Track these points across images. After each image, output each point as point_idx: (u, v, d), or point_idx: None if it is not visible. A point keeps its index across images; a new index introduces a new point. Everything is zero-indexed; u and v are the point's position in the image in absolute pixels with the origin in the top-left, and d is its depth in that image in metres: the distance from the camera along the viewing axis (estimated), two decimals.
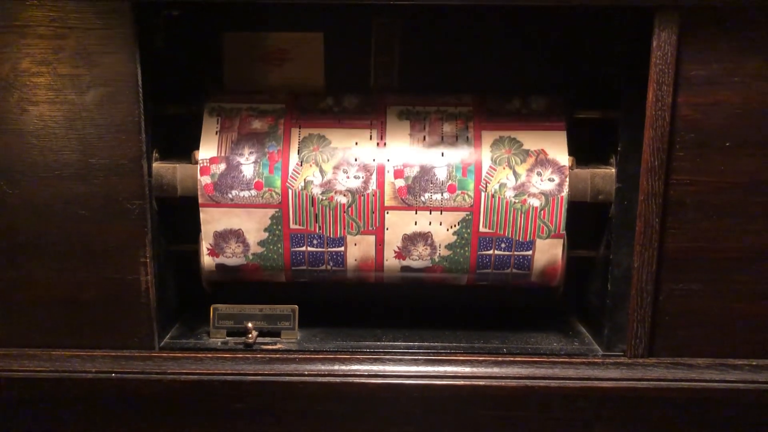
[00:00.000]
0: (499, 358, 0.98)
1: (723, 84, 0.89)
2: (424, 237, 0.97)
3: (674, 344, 0.96)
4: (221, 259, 1.00)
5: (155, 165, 0.97)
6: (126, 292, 0.95)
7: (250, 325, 1.00)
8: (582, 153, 1.00)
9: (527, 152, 0.97)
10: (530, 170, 0.96)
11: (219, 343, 1.00)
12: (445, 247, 0.98)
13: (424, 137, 0.97)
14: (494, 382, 0.95)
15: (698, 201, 0.92)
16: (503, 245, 0.98)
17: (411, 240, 0.98)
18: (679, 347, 0.97)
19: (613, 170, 0.98)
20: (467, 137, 0.97)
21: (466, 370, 0.96)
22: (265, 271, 1.01)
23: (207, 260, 1.00)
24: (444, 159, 0.97)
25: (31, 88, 0.89)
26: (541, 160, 0.96)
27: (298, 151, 0.97)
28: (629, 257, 0.95)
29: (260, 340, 1.00)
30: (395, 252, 0.98)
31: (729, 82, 0.89)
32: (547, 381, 0.95)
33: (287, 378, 0.95)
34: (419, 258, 0.98)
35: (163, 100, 0.99)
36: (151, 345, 0.97)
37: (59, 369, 0.95)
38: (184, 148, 1.00)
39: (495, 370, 0.96)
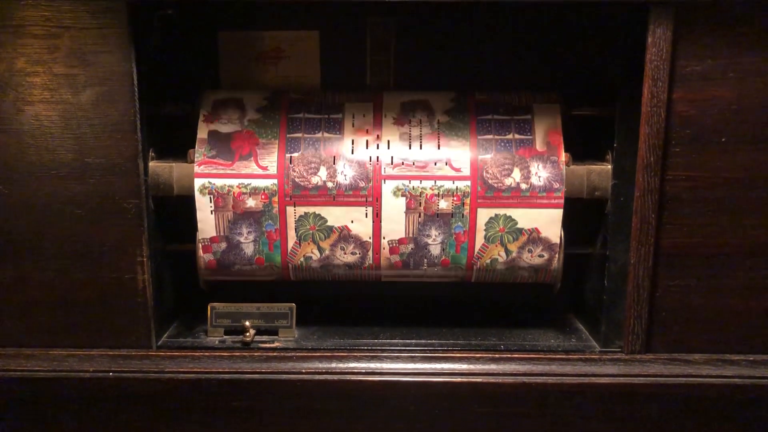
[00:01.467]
0: (497, 355, 0.98)
1: (718, 80, 0.89)
2: None
3: (671, 340, 0.97)
4: (216, 125, 0.97)
5: (151, 164, 0.97)
6: (123, 292, 0.95)
7: (247, 323, 1.00)
8: (578, 149, 1.00)
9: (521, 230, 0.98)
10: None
11: (216, 342, 1.01)
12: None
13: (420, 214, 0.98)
14: (491, 379, 0.95)
15: (694, 197, 0.92)
16: (501, 109, 0.99)
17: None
18: (676, 343, 0.97)
19: (609, 167, 0.98)
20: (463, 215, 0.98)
21: (464, 367, 0.97)
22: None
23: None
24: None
25: (27, 88, 0.89)
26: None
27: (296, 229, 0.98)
28: (626, 253, 0.95)
29: (258, 338, 1.01)
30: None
31: (724, 78, 0.89)
32: (544, 377, 0.95)
33: (285, 376, 0.95)
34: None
35: (158, 100, 0.99)
36: (148, 344, 0.97)
37: (57, 368, 0.95)
38: (180, 147, 1.00)
39: (492, 367, 0.96)
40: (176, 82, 1.06)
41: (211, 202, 0.97)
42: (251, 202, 0.97)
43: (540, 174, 0.96)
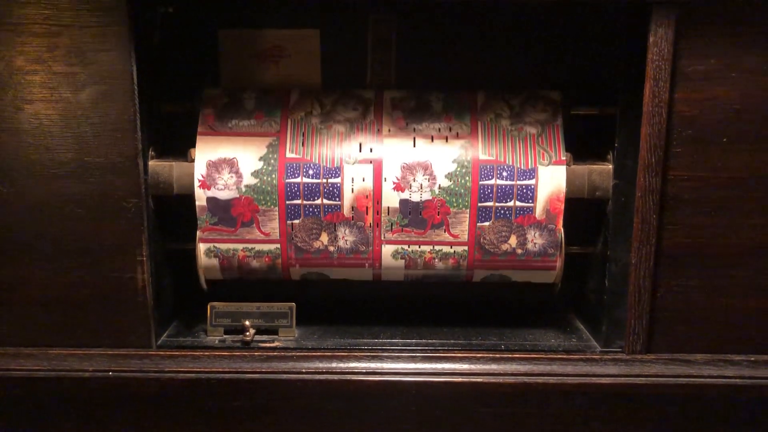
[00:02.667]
0: (497, 355, 0.98)
1: (720, 80, 0.89)
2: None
3: (672, 340, 0.97)
4: (213, 192, 0.97)
5: (151, 163, 0.97)
6: (123, 291, 0.95)
7: (247, 323, 1.00)
8: (579, 149, 1.00)
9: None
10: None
11: (216, 341, 1.00)
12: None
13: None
14: (492, 379, 0.95)
15: (696, 197, 0.92)
16: (504, 174, 0.97)
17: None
18: (677, 343, 0.97)
19: (611, 166, 0.98)
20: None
21: (464, 367, 0.96)
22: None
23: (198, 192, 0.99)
24: None
25: (26, 87, 0.89)
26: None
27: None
28: (627, 253, 0.95)
29: (258, 338, 1.00)
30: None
31: (726, 78, 0.89)
32: (545, 377, 0.95)
33: (285, 376, 0.95)
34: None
35: (158, 98, 0.99)
36: (148, 343, 0.97)
37: (56, 368, 0.95)
38: (180, 146, 1.00)
39: (493, 367, 0.96)
40: (176, 80, 1.06)
41: (217, 263, 1.01)
42: (256, 264, 1.00)
43: (536, 241, 0.98)
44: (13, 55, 0.88)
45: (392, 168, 0.96)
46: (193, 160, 0.97)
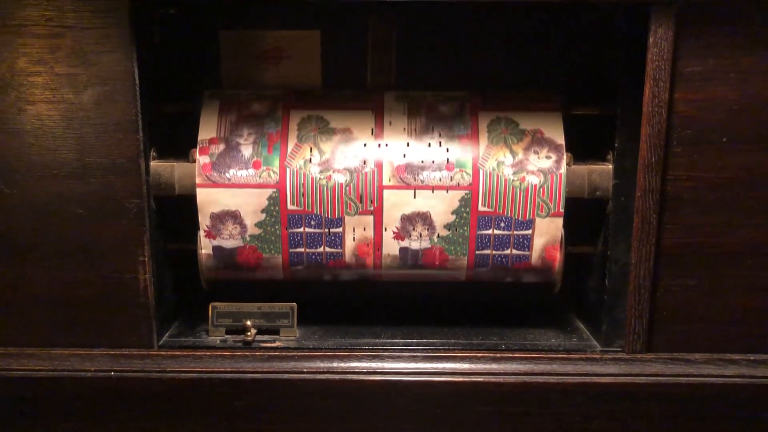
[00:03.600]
0: (498, 355, 0.98)
1: (719, 80, 0.89)
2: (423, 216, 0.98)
3: (672, 339, 0.97)
4: (218, 241, 0.99)
5: (153, 164, 0.97)
6: (124, 291, 0.95)
7: (248, 323, 1.00)
8: (579, 149, 1.00)
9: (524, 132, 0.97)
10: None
11: (218, 341, 1.01)
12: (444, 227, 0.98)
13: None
14: (493, 379, 0.96)
15: (695, 197, 0.92)
16: (502, 224, 0.97)
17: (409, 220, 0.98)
18: (676, 342, 0.97)
19: (611, 166, 0.98)
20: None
21: (465, 366, 0.97)
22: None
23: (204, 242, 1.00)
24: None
25: (28, 88, 0.89)
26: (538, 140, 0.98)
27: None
28: (627, 253, 0.95)
29: (259, 337, 1.01)
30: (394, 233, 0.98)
31: (725, 78, 0.89)
32: (545, 377, 0.96)
33: (286, 375, 0.95)
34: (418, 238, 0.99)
35: (160, 99, 0.99)
36: (150, 343, 0.97)
37: (58, 368, 0.95)
38: (181, 147, 1.00)
39: (493, 367, 0.97)
40: (178, 80, 1.06)
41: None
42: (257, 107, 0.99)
43: (531, 281, 1.03)
44: (15, 56, 0.88)
45: (392, 218, 0.97)
46: (194, 161, 0.97)
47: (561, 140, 0.97)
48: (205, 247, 0.99)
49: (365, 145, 0.97)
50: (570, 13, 1.08)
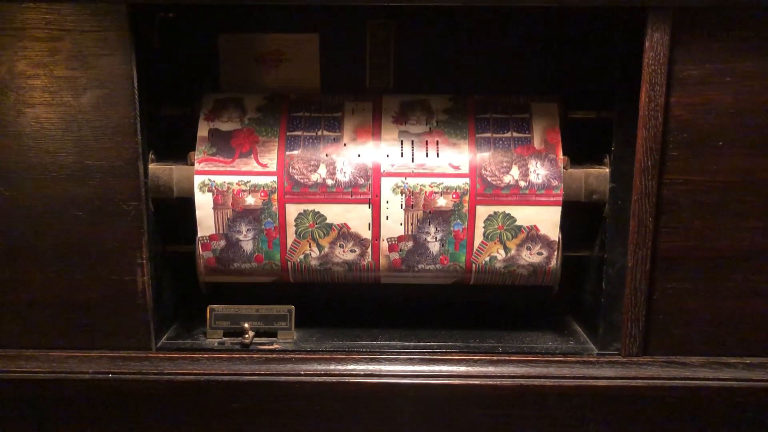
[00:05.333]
0: (495, 358, 0.98)
1: (715, 84, 0.89)
2: None
3: (668, 343, 0.97)
4: (216, 124, 0.98)
5: (151, 166, 0.98)
6: (123, 293, 0.95)
7: (246, 325, 1.00)
8: (576, 153, 1.01)
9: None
10: None
11: (216, 344, 1.01)
12: None
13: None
14: (490, 382, 0.96)
15: (691, 200, 0.92)
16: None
17: None
18: (673, 346, 0.97)
19: (607, 170, 0.99)
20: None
21: (462, 369, 0.97)
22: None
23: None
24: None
25: (28, 91, 0.90)
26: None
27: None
28: (623, 256, 0.95)
29: (257, 340, 1.01)
30: None
31: (721, 82, 0.89)
32: (542, 380, 0.96)
33: (284, 378, 0.96)
34: None
35: (159, 102, 1.00)
36: (148, 346, 0.97)
37: (56, 370, 0.95)
38: (180, 150, 1.00)
39: (490, 370, 0.97)
40: (176, 84, 1.07)
41: (211, 199, 0.97)
42: (251, 200, 0.97)
43: (538, 172, 0.96)
44: (14, 59, 0.89)
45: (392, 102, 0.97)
46: (192, 164, 0.97)
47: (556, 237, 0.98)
48: (202, 128, 0.98)
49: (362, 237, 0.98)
50: (567, 17, 1.08)
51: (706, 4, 0.87)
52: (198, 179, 0.97)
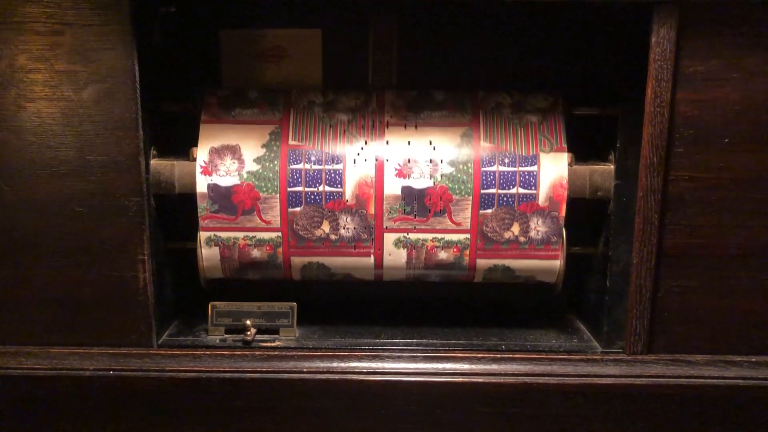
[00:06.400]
0: (498, 355, 0.98)
1: (722, 80, 0.89)
2: None
3: (673, 341, 0.97)
4: (214, 178, 0.96)
5: (153, 162, 0.97)
6: (124, 290, 0.95)
7: (248, 322, 1.00)
8: (581, 150, 1.00)
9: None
10: None
11: (217, 341, 1.00)
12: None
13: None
14: (493, 379, 0.95)
15: (697, 197, 0.92)
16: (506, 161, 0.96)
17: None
18: (677, 344, 0.97)
19: (612, 167, 0.98)
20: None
21: (465, 367, 0.96)
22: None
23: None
24: None
25: (28, 85, 0.89)
26: None
27: None
28: (628, 254, 0.95)
29: (259, 337, 1.00)
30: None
31: (728, 79, 0.89)
32: (545, 378, 0.95)
33: (286, 375, 0.95)
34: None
35: (160, 97, 0.99)
36: (149, 342, 0.97)
37: (57, 366, 0.95)
38: (181, 145, 1.00)
39: (494, 367, 0.96)
40: (178, 79, 1.06)
41: (217, 252, 0.99)
42: (256, 253, 0.99)
43: (539, 229, 0.98)
44: (15, 53, 0.88)
45: (395, 155, 0.96)
46: (194, 159, 0.97)
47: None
48: (200, 184, 0.96)
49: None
50: (572, 12, 1.08)
51: (713, 0, 0.86)
52: (204, 235, 0.98)
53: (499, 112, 0.97)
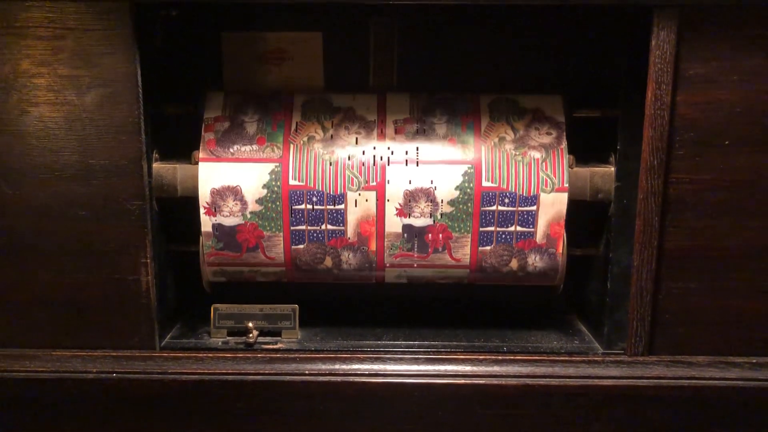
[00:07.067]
0: (500, 357, 0.98)
1: (722, 83, 0.89)
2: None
3: (674, 342, 0.97)
4: (218, 218, 0.97)
5: (155, 165, 0.97)
6: (127, 293, 0.95)
7: (250, 324, 1.00)
8: (581, 152, 1.00)
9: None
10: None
11: (220, 343, 1.01)
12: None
13: None
14: (494, 381, 0.95)
15: (697, 199, 0.92)
16: (506, 200, 0.96)
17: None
18: (678, 345, 0.97)
19: (613, 169, 0.98)
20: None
21: (467, 369, 0.97)
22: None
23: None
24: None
25: (31, 89, 0.89)
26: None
27: None
28: (629, 256, 0.95)
29: (261, 339, 1.01)
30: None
31: (728, 81, 0.89)
32: (547, 379, 0.95)
33: (288, 377, 0.95)
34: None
35: (162, 101, 0.99)
36: (151, 345, 0.97)
37: (60, 369, 0.95)
38: (184, 149, 1.00)
39: (495, 369, 0.97)
40: (180, 83, 1.06)
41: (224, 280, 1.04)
42: (261, 279, 1.03)
43: (536, 264, 0.99)
44: (18, 58, 0.89)
45: (396, 195, 0.96)
46: (197, 163, 0.97)
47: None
48: (205, 224, 0.97)
49: (368, 119, 0.98)
50: (572, 15, 1.08)
51: (713, 2, 0.86)
52: (210, 269, 1.01)
53: (501, 147, 0.97)
